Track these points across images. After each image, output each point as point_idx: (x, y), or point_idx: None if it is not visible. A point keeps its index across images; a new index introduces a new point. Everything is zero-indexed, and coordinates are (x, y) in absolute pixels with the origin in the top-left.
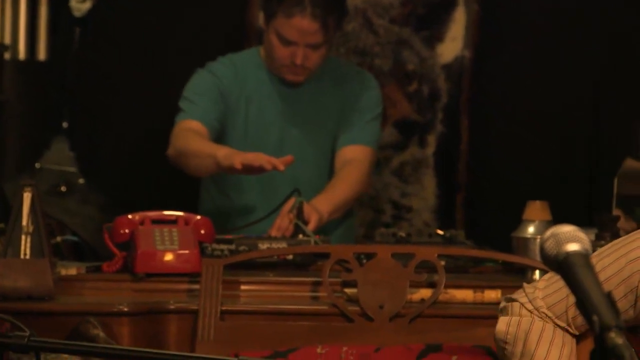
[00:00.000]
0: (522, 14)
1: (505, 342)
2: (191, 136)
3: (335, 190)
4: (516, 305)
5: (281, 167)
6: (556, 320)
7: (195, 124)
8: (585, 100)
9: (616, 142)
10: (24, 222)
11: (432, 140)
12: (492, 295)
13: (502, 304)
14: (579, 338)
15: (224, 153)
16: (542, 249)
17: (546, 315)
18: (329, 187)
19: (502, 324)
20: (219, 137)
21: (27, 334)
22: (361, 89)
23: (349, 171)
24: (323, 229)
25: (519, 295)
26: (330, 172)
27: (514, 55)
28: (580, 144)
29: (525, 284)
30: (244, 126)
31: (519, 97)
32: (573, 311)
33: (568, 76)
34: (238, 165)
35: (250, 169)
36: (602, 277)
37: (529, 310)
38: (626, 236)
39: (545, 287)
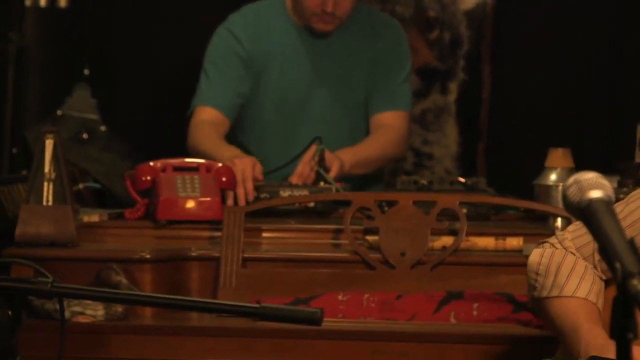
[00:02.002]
0: None
1: (537, 274)
2: (204, 134)
3: (362, 146)
4: (547, 245)
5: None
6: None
7: (209, 113)
8: (608, 46)
9: (639, 89)
10: (46, 169)
11: (453, 87)
12: (513, 242)
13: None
14: (606, 285)
15: (227, 157)
16: (564, 196)
17: (574, 255)
18: (357, 144)
19: (535, 255)
20: (246, 104)
21: (51, 280)
22: (392, 44)
23: (381, 133)
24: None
25: (550, 238)
26: (357, 130)
27: (536, 1)
28: (603, 91)
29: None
30: (271, 83)
31: (541, 43)
32: (598, 255)
33: (590, 21)
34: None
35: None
36: (629, 220)
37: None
38: None
39: (575, 230)
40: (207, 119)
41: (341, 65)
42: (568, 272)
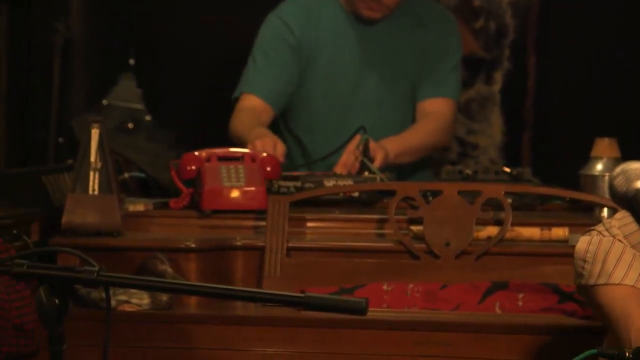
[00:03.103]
0: None
1: (584, 261)
2: (241, 121)
3: (407, 134)
4: (594, 233)
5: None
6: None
7: (253, 101)
8: None
9: None
10: (92, 159)
11: (498, 77)
12: (559, 232)
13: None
14: None
15: (250, 138)
16: (611, 185)
17: (622, 243)
18: (402, 132)
19: (582, 242)
20: (295, 92)
21: (97, 268)
22: (443, 34)
23: (427, 121)
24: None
25: (597, 226)
26: (407, 118)
27: None
28: None
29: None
30: (320, 71)
31: (587, 32)
32: None
33: (636, 10)
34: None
35: None
36: None
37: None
38: None
39: (623, 217)
40: (249, 107)
41: (389, 52)
42: (616, 259)
